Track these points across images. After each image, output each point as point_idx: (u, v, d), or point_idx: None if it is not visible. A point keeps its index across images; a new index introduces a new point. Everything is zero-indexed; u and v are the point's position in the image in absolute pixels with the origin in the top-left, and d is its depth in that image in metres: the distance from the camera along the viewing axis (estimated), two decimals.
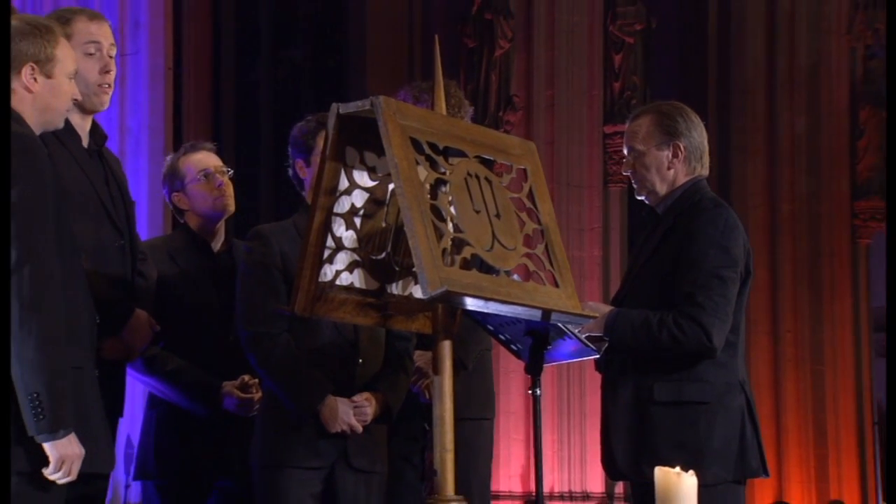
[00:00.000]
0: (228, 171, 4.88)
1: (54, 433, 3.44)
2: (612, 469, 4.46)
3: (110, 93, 4.40)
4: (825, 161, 14.99)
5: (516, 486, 12.24)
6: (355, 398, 4.49)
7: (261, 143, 16.11)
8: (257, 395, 4.63)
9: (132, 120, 9.41)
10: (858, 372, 15.14)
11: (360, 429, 4.46)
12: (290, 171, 4.72)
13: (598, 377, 4.55)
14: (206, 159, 4.86)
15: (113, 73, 4.38)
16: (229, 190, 4.85)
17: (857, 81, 15.15)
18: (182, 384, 4.67)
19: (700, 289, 4.25)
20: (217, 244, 4.88)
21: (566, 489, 12.58)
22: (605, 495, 12.43)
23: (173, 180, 4.87)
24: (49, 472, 3.47)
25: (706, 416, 4.27)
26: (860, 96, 15.11)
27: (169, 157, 4.96)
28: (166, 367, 4.67)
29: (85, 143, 4.32)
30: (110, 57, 4.37)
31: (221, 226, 4.88)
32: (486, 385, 4.94)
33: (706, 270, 4.27)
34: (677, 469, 2.29)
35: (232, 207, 4.85)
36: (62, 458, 3.46)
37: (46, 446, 3.45)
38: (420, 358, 4.77)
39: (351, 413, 4.45)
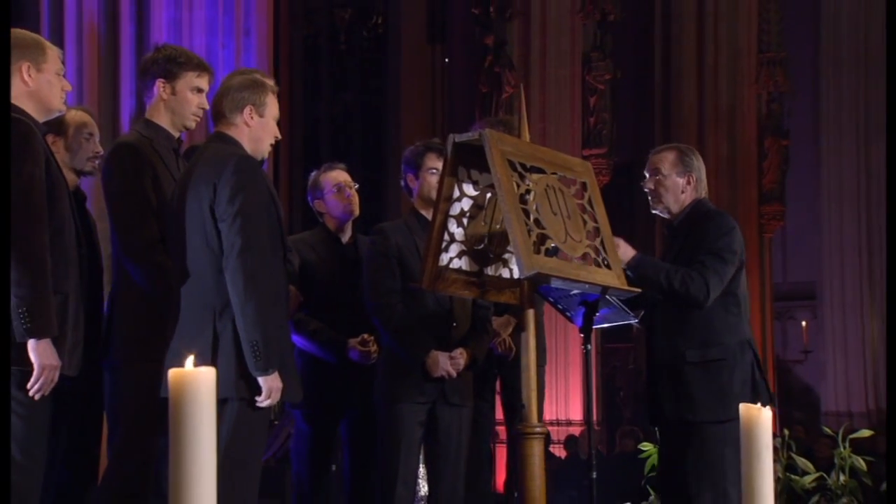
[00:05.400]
0: (355, 185, 4.84)
1: (266, 371, 3.45)
2: (656, 414, 4.40)
3: None
4: (740, 176, 14.99)
5: None
6: (452, 353, 4.46)
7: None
8: (374, 349, 4.59)
9: None
10: (763, 333, 15.13)
11: (454, 375, 4.44)
12: (402, 183, 4.68)
13: (576, 332, 4.49)
14: (338, 176, 4.81)
15: None
16: (355, 199, 4.79)
17: (763, 118, 15.18)
18: (319, 340, 4.64)
19: (708, 258, 4.28)
20: (346, 238, 4.82)
21: (554, 418, 12.56)
22: (583, 422, 12.39)
23: (315, 191, 4.82)
24: (261, 399, 3.48)
25: (726, 369, 4.28)
26: (764, 129, 15.14)
27: (312, 174, 4.91)
28: (308, 328, 4.64)
29: None
30: None
31: (349, 225, 4.83)
32: (541, 341, 4.87)
33: (714, 251, 4.30)
34: (758, 404, 2.23)
35: (357, 212, 4.79)
36: (270, 389, 3.47)
37: (260, 380, 3.46)
38: (496, 321, 4.75)
39: (448, 363, 4.42)
